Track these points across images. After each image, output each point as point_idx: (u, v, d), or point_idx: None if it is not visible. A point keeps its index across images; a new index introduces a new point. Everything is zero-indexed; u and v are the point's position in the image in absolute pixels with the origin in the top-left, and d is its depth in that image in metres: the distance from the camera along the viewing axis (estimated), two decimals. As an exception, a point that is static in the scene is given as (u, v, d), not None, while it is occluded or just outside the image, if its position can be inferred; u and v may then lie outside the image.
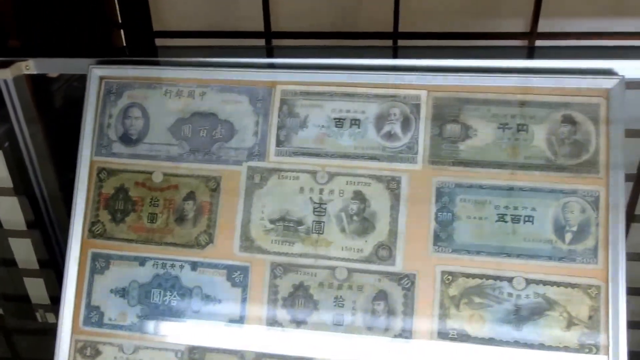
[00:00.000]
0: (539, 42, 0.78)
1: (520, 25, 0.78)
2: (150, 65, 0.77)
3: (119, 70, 0.77)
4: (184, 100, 0.76)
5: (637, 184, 0.84)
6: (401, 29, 0.82)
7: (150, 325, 0.73)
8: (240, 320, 0.72)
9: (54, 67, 0.78)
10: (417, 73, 0.72)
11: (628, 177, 0.67)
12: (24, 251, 0.96)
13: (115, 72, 0.77)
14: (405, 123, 0.71)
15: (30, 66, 0.78)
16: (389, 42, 0.83)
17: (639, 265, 0.79)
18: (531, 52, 0.75)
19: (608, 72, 0.69)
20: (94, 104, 0.77)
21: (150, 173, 0.75)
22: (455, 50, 0.74)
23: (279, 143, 0.73)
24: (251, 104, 0.74)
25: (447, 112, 0.71)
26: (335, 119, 0.73)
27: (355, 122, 0.72)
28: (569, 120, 0.69)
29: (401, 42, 0.82)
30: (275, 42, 0.85)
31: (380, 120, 0.72)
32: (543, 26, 0.77)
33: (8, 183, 0.89)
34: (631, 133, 0.71)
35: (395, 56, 0.80)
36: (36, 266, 0.96)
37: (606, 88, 0.68)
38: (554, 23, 0.77)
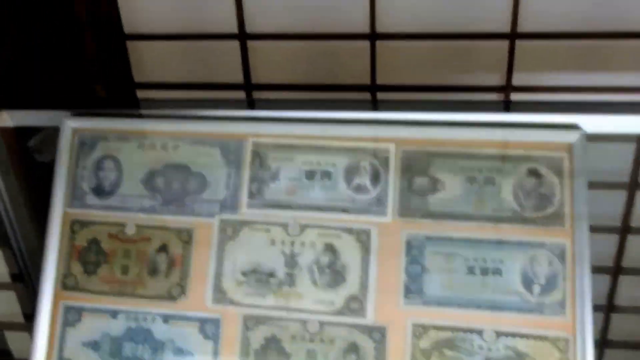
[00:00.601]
0: (513, 96, 0.78)
1: (495, 79, 0.78)
2: (124, 118, 0.75)
3: (93, 122, 0.76)
4: (157, 152, 0.74)
5: (622, 236, 0.83)
6: (378, 81, 0.82)
7: (122, 379, 0.71)
8: None
9: (28, 119, 0.77)
10: (385, 126, 0.71)
11: (593, 229, 0.66)
12: (7, 305, 0.94)
13: (89, 124, 0.76)
14: (375, 176, 0.70)
15: (4, 118, 0.76)
16: (367, 95, 0.83)
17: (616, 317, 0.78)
18: (499, 106, 0.74)
19: (571, 127, 0.69)
20: (67, 156, 0.76)
21: (123, 225, 0.74)
22: (423, 104, 0.73)
23: (250, 195, 0.72)
24: (223, 157, 0.73)
25: (416, 165, 0.70)
26: (306, 171, 0.72)
27: (326, 175, 0.71)
28: (534, 173, 0.68)
29: (379, 95, 0.81)
30: (255, 94, 0.84)
31: (351, 173, 0.71)
32: (518, 80, 0.77)
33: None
34: (595, 185, 0.71)
35: (374, 109, 0.79)
36: (21, 319, 0.94)
37: (569, 142, 0.68)
38: (529, 77, 0.76)
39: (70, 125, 0.76)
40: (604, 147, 0.75)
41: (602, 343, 0.81)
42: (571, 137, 0.68)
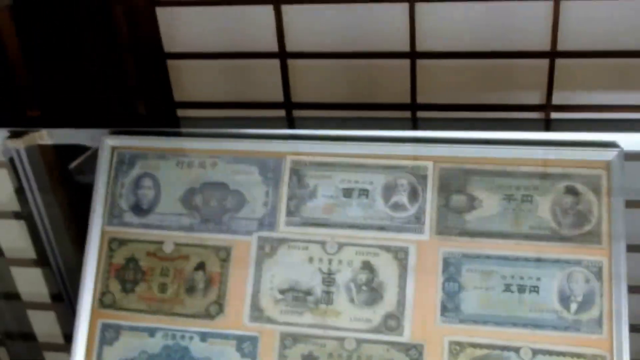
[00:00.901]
0: (553, 114, 0.99)
1: (535, 97, 0.99)
2: (162, 136, 0.99)
3: (131, 140, 0.99)
4: (195, 170, 0.97)
5: None
6: (419, 100, 1.04)
7: (160, 396, 0.93)
8: None
9: (68, 137, 1.00)
10: (423, 144, 0.92)
11: (630, 248, 0.86)
12: (47, 324, 1.17)
13: (128, 142, 0.99)
14: (413, 194, 0.91)
15: (44, 136, 1.00)
16: (407, 114, 1.05)
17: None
18: (535, 125, 0.96)
19: (609, 145, 0.89)
20: (105, 174, 0.98)
21: (161, 243, 0.96)
22: (461, 122, 0.95)
23: (289, 213, 0.94)
24: (261, 175, 0.95)
25: (453, 183, 0.91)
26: (343, 189, 0.93)
27: (364, 193, 0.93)
28: (571, 191, 0.88)
29: (419, 114, 1.03)
30: (295, 113, 1.08)
31: (388, 190, 0.92)
32: (558, 99, 0.98)
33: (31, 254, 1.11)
34: (632, 204, 0.91)
35: (413, 127, 1.01)
36: (61, 340, 1.17)
37: (606, 160, 0.88)
38: (568, 96, 0.98)
39: (109, 144, 0.99)
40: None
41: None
42: (609, 155, 0.88)
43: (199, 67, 1.01)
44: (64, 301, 1.06)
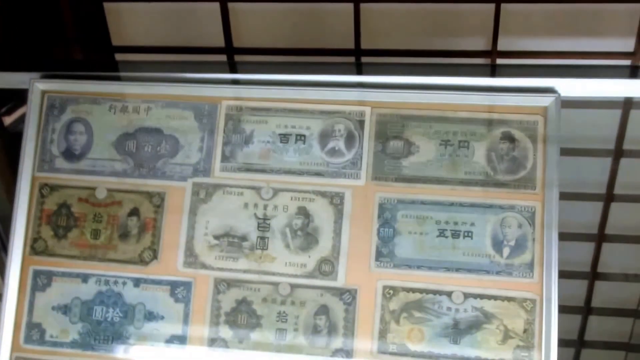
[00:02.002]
0: (499, 61, 1.09)
1: (481, 44, 1.09)
2: (94, 80, 1.07)
3: (62, 84, 1.06)
4: (129, 115, 1.05)
5: (606, 203, 1.14)
6: (363, 46, 1.13)
7: (92, 342, 1.02)
8: (183, 336, 1.00)
9: (-3, 81, 1.08)
10: (360, 89, 1.01)
11: (563, 196, 0.96)
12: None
13: (59, 86, 1.06)
14: (349, 139, 1.00)
15: (-29, 80, 1.08)
16: (351, 59, 1.14)
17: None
18: (474, 71, 1.05)
19: (546, 90, 0.99)
20: (36, 119, 1.05)
21: (94, 189, 1.04)
22: (399, 68, 1.04)
23: (224, 159, 1.02)
24: (196, 120, 1.03)
25: (390, 129, 1.00)
26: (280, 134, 1.02)
27: (300, 138, 1.02)
28: (507, 137, 0.98)
29: (364, 60, 1.12)
30: (237, 58, 1.16)
31: (325, 136, 1.01)
32: (502, 45, 1.08)
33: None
34: (568, 152, 1.02)
35: (354, 72, 1.10)
36: None
37: (543, 105, 0.98)
38: (513, 42, 1.08)
39: (39, 87, 1.06)
40: (587, 113, 1.06)
41: (587, 310, 1.12)
42: (546, 100, 0.97)
43: (138, 10, 1.09)
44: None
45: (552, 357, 0.90)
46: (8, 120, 1.08)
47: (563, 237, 0.92)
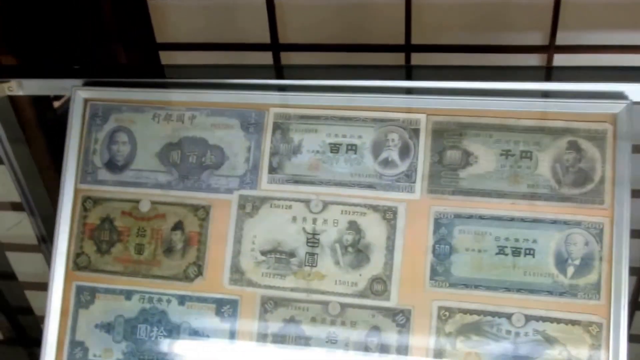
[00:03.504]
0: (557, 57, 1.15)
1: (537, 38, 1.15)
2: (137, 87, 1.17)
3: (105, 92, 1.17)
4: (173, 124, 1.15)
5: None
6: (414, 41, 1.21)
7: (137, 361, 1.13)
8: (229, 357, 1.11)
9: (39, 88, 1.20)
10: (415, 96, 1.09)
11: (634, 194, 1.00)
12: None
13: (101, 94, 1.17)
14: (404, 149, 1.08)
15: (13, 87, 1.20)
16: (401, 55, 1.22)
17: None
18: (538, 74, 1.11)
19: (616, 96, 1.04)
20: (78, 128, 1.16)
21: (137, 202, 1.15)
22: (456, 72, 1.12)
23: (271, 170, 1.11)
24: (242, 128, 1.13)
25: (447, 138, 1.07)
26: (330, 144, 1.11)
27: (352, 148, 1.10)
28: (574, 147, 1.04)
29: (414, 58, 1.20)
30: (283, 58, 1.25)
31: (378, 145, 1.08)
32: (561, 39, 1.14)
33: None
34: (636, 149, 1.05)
35: (407, 76, 1.17)
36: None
37: (613, 112, 1.03)
38: (573, 36, 1.14)
39: (82, 96, 1.17)
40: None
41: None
42: (616, 107, 1.01)
43: (182, 6, 1.18)
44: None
45: (620, 386, 0.95)
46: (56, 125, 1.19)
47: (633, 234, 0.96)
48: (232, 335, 1.05)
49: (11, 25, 1.18)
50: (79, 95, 1.13)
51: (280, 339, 1.05)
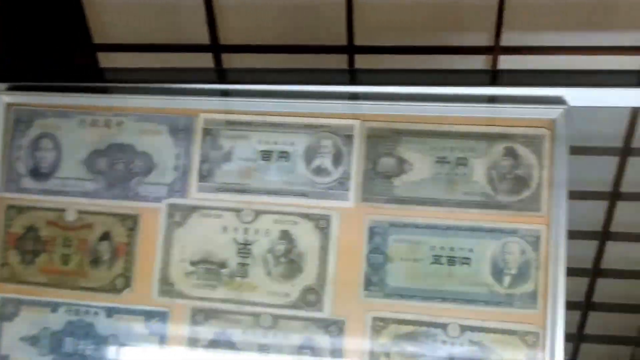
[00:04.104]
0: (502, 57, 1.10)
1: (483, 39, 1.10)
2: (62, 92, 1.09)
3: (29, 97, 1.09)
4: (100, 130, 1.08)
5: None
6: (357, 43, 1.15)
7: (63, 377, 1.05)
8: None
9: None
10: (348, 101, 1.03)
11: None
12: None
13: (25, 99, 1.09)
14: (337, 156, 1.02)
15: None
16: (345, 57, 1.16)
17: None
18: (477, 78, 1.06)
19: (555, 101, 0.99)
20: (0, 134, 1.10)
21: (63, 211, 1.07)
22: (392, 76, 1.05)
23: (201, 178, 1.04)
24: (171, 135, 1.06)
25: (382, 145, 1.01)
26: (262, 151, 1.04)
27: (284, 155, 1.03)
28: (510, 154, 0.98)
29: (357, 60, 1.13)
30: (224, 57, 1.18)
31: (310, 153, 1.02)
32: (506, 40, 1.09)
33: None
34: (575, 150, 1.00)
35: (350, 79, 1.11)
36: None
37: (551, 118, 0.98)
38: (517, 37, 1.09)
39: (5, 100, 1.09)
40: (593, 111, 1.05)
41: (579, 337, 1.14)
42: (553, 112, 0.98)
43: (119, 5, 1.12)
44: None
45: (556, 397, 0.90)
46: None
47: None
48: (161, 348, 0.98)
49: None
50: (2, 100, 1.05)
51: (211, 351, 0.97)
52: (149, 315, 1.01)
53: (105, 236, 1.02)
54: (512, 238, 0.95)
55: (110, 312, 1.02)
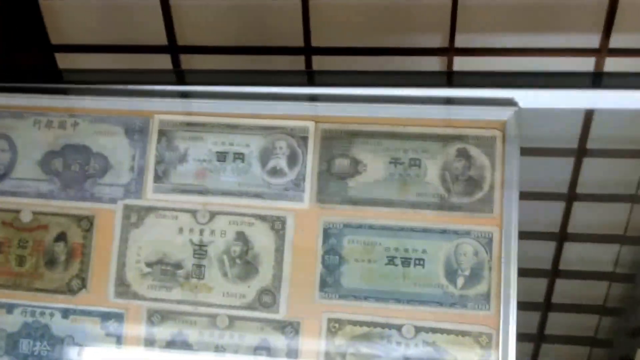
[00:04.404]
0: (457, 59, 1.09)
1: (437, 40, 1.09)
2: (17, 93, 1.07)
3: (-17, 97, 1.07)
4: (55, 131, 1.06)
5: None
6: (314, 44, 1.13)
7: (19, 378, 1.04)
8: None
9: None
10: (304, 103, 1.02)
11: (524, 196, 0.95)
12: None
13: (-21, 99, 1.07)
14: (292, 157, 1.01)
15: None
16: (301, 59, 1.14)
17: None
18: (431, 79, 1.05)
19: (506, 102, 0.98)
20: (-45, 135, 1.07)
21: (18, 212, 1.06)
22: (347, 77, 1.04)
23: (157, 179, 1.03)
24: (127, 136, 1.04)
25: (336, 146, 1.00)
26: (217, 152, 1.03)
27: (239, 156, 1.02)
28: (463, 155, 0.98)
29: (315, 61, 1.12)
30: (182, 58, 1.16)
31: (266, 154, 1.01)
32: (460, 42, 1.08)
33: None
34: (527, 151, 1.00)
35: (310, 80, 1.10)
36: None
37: (502, 120, 0.97)
38: (471, 38, 1.08)
39: (-41, 101, 1.07)
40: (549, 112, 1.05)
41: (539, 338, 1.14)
42: (504, 114, 0.97)
43: (76, 6, 1.09)
44: None
45: (508, 397, 0.90)
46: None
47: (523, 236, 0.92)
48: (118, 349, 0.96)
49: None
50: (-45, 101, 1.01)
51: (167, 352, 0.96)
52: (105, 317, 0.99)
53: (61, 237, 1.00)
54: (465, 239, 0.93)
55: (66, 313, 1.00)
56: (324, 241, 0.96)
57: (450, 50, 1.03)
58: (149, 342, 0.98)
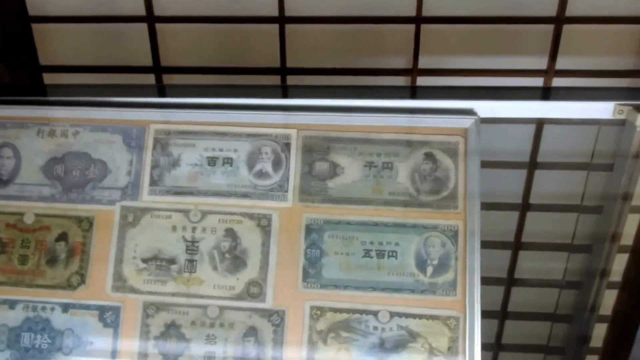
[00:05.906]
0: (420, 79, 1.12)
1: (402, 62, 1.12)
2: (22, 105, 1.07)
3: (-10, 109, 1.07)
4: (57, 139, 1.06)
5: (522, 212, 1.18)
6: (289, 65, 1.16)
7: (20, 369, 1.01)
8: None
9: None
10: (286, 112, 1.04)
11: (485, 206, 0.99)
12: None
13: (-14, 111, 1.07)
14: (276, 162, 1.02)
15: None
16: (277, 78, 1.17)
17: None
18: (398, 93, 1.08)
19: (466, 112, 1.02)
20: (-37, 144, 1.06)
21: (22, 214, 1.05)
22: (324, 90, 1.07)
23: (152, 182, 1.03)
24: (125, 144, 1.05)
25: (316, 151, 1.02)
26: (208, 157, 1.04)
27: (228, 161, 1.03)
28: (430, 158, 1.01)
29: (289, 79, 1.15)
30: (166, 79, 1.17)
31: (252, 158, 1.03)
32: (423, 63, 1.12)
33: None
34: (487, 165, 1.04)
35: (283, 94, 1.12)
36: None
37: (464, 127, 1.01)
38: (433, 60, 1.11)
39: (-34, 113, 1.07)
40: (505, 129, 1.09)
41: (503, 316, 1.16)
42: (466, 122, 1.01)
43: (66, 31, 1.10)
44: None
45: (475, 374, 0.91)
46: None
47: (485, 245, 0.94)
48: (115, 340, 0.96)
49: None
50: (-37, 113, 1.00)
51: (161, 342, 0.95)
52: (102, 310, 0.98)
53: (62, 237, 0.99)
54: (433, 233, 0.95)
55: (66, 307, 0.99)
56: (306, 236, 0.97)
57: (414, 71, 1.07)
58: (145, 332, 0.97)
